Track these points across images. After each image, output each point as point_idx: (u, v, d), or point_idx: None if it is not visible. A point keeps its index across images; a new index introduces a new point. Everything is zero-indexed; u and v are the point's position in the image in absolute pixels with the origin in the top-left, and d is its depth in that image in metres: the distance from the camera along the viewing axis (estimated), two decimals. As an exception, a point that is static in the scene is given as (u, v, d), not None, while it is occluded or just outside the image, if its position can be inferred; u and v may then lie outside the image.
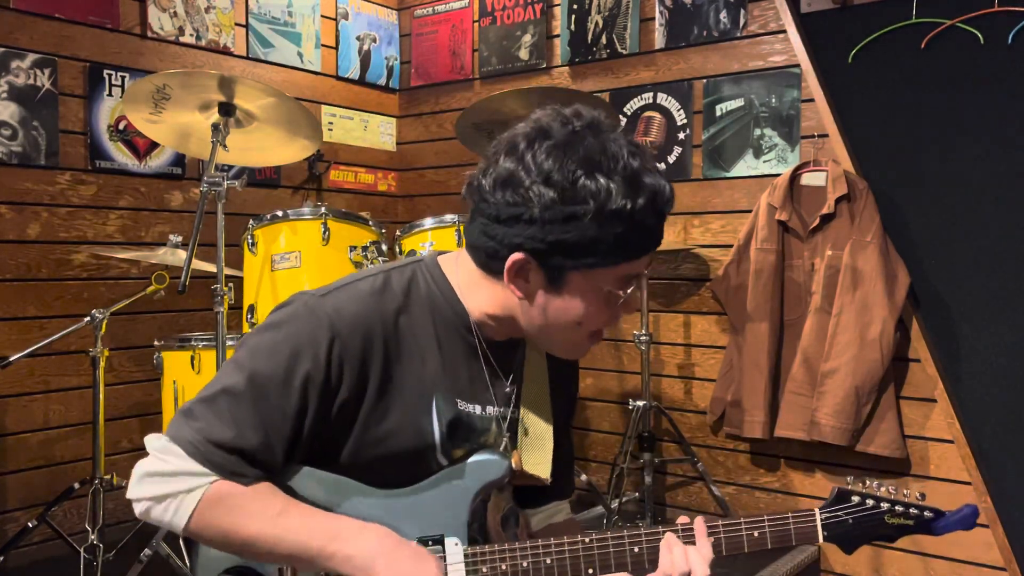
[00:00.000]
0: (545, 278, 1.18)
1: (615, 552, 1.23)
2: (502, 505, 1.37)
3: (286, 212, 2.82)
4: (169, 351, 2.84)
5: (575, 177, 1.11)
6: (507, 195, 1.15)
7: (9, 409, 3.03)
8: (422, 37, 4.30)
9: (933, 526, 1.27)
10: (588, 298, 1.19)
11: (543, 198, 1.12)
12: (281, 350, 1.17)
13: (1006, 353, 2.85)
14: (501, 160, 1.16)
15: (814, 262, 3.10)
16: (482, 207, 1.19)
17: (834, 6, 3.12)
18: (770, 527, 1.25)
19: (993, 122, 2.86)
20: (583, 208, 1.11)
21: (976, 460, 2.90)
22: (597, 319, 1.22)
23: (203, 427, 1.16)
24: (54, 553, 3.01)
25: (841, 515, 1.26)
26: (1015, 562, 2.83)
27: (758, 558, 3.06)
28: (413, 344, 1.24)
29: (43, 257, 3.11)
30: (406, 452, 1.24)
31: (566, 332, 1.23)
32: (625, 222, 1.13)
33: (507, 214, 1.15)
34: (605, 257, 1.15)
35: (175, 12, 3.46)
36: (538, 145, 1.14)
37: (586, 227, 1.12)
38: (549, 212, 1.12)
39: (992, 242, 2.87)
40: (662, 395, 3.58)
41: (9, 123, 3.00)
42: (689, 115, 3.49)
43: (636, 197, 1.12)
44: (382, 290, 1.23)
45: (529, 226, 1.14)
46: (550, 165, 1.12)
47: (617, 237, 1.13)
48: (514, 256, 1.16)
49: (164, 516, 1.16)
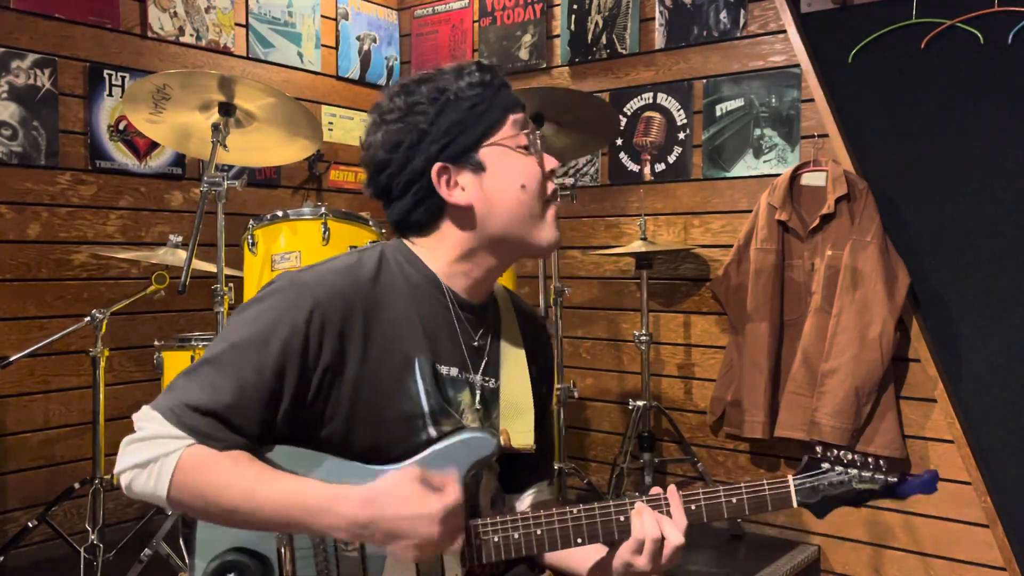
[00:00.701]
0: (467, 168, 1.31)
1: (602, 522, 1.27)
2: (491, 486, 1.40)
3: (286, 212, 2.82)
4: (169, 351, 2.84)
5: (424, 89, 1.32)
6: (394, 139, 1.31)
7: (9, 409, 3.03)
8: (422, 37, 4.30)
9: (897, 490, 1.34)
10: (508, 160, 1.32)
11: (414, 114, 1.31)
12: (262, 319, 1.22)
13: (1006, 353, 2.85)
14: (371, 139, 1.34)
15: (814, 262, 3.10)
16: (386, 176, 1.33)
17: (834, 6, 3.12)
18: (747, 494, 1.30)
19: (993, 122, 2.86)
20: (445, 96, 1.30)
21: (976, 460, 2.90)
22: (530, 171, 1.33)
23: (181, 394, 1.19)
24: (54, 553, 3.01)
25: (812, 481, 1.34)
26: (1015, 562, 2.83)
27: (758, 558, 3.07)
28: (390, 310, 1.29)
29: (43, 257, 3.11)
30: (395, 418, 1.27)
31: (521, 202, 1.32)
32: (478, 86, 1.32)
33: (404, 152, 1.31)
34: (487, 117, 1.31)
35: (175, 12, 3.46)
36: (384, 105, 1.34)
37: (456, 104, 1.30)
38: (427, 117, 1.30)
39: (992, 242, 2.87)
40: (662, 395, 3.58)
41: (9, 123, 3.00)
42: (689, 115, 3.49)
43: (470, 71, 1.33)
44: (357, 264, 1.31)
45: (423, 140, 1.30)
46: (401, 100, 1.32)
47: (481, 98, 1.31)
48: (434, 169, 1.30)
49: (147, 485, 1.17)
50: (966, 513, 2.93)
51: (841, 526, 3.18)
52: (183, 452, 1.16)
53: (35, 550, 3.00)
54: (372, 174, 1.35)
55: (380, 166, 1.33)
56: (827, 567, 3.21)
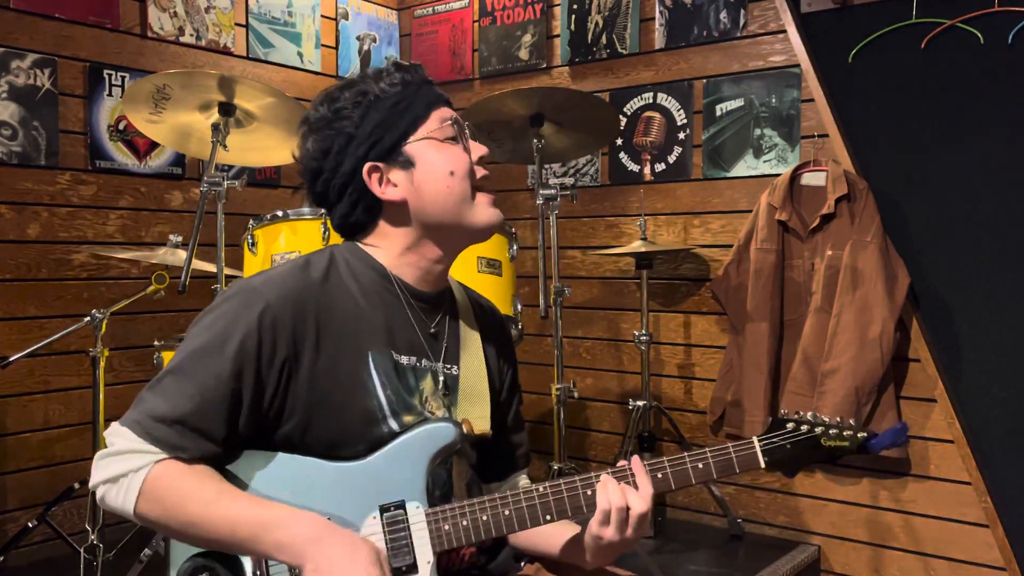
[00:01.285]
0: (396, 165, 1.35)
1: (569, 497, 1.29)
2: (464, 473, 1.42)
3: (286, 212, 2.81)
4: (169, 351, 2.83)
5: (347, 95, 1.35)
6: (323, 145, 1.35)
7: (9, 409, 3.03)
8: (422, 37, 4.30)
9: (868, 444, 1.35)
10: (435, 151, 1.36)
11: (340, 119, 1.35)
12: (216, 324, 1.26)
13: (1006, 353, 2.85)
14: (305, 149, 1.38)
15: (814, 262, 3.10)
16: (321, 183, 1.37)
17: (834, 6, 3.12)
18: (713, 458, 1.32)
19: (993, 122, 2.86)
20: (367, 98, 1.34)
21: (976, 460, 2.90)
22: (458, 159, 1.36)
23: (146, 407, 1.23)
24: (54, 553, 3.01)
25: (778, 441, 1.33)
26: (1015, 562, 2.83)
27: (758, 558, 3.07)
28: (342, 306, 1.31)
29: (43, 257, 3.11)
30: (353, 413, 1.29)
31: (453, 189, 1.35)
32: (397, 85, 1.36)
33: (335, 156, 1.35)
34: (409, 114, 1.35)
35: (175, 12, 3.46)
36: (311, 116, 1.38)
37: (380, 106, 1.35)
38: (352, 121, 1.34)
39: (992, 242, 2.87)
40: (662, 395, 3.58)
41: (9, 123, 3.00)
42: (689, 115, 3.49)
43: (388, 71, 1.37)
44: (305, 265, 1.34)
45: (351, 142, 1.34)
46: (325, 108, 1.36)
47: (403, 97, 1.35)
48: (364, 169, 1.33)
49: (116, 500, 1.20)
50: (966, 513, 2.93)
51: (841, 526, 3.18)
52: (151, 468, 1.19)
53: (35, 550, 3.00)
54: (309, 183, 1.39)
55: (314, 174, 1.37)
56: (827, 567, 3.21)
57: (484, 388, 1.44)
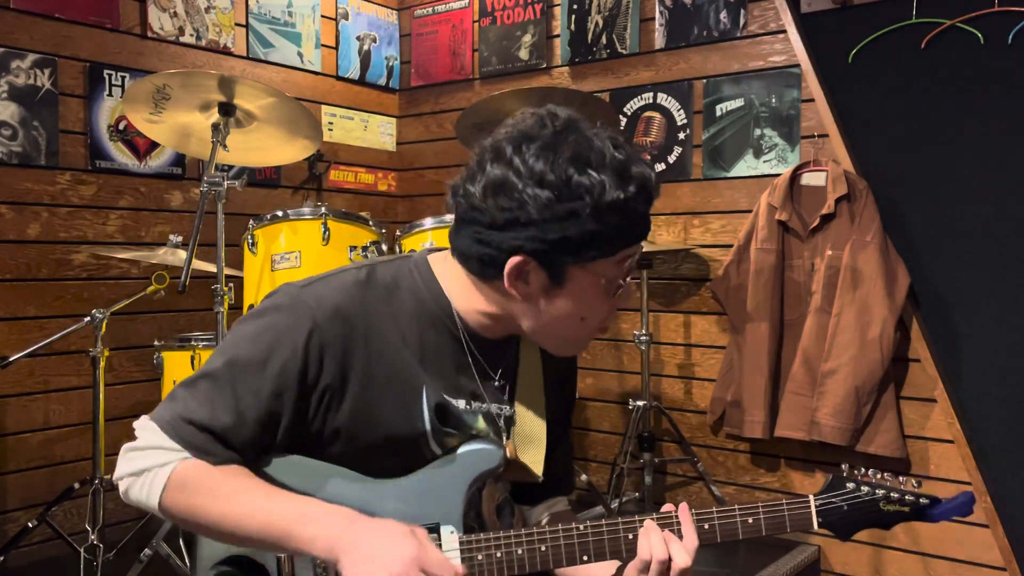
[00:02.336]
0: (547, 277, 1.18)
1: (609, 539, 1.22)
2: (497, 495, 1.37)
3: (286, 212, 2.82)
4: (169, 351, 2.84)
5: (568, 175, 1.13)
6: (500, 200, 1.15)
7: (9, 409, 3.03)
8: (422, 37, 4.30)
9: (929, 513, 1.25)
10: (589, 292, 1.20)
11: (539, 199, 1.13)
12: (262, 337, 1.20)
13: (1006, 353, 2.85)
14: (488, 167, 1.17)
15: (814, 262, 3.10)
16: (473, 215, 1.19)
17: (834, 6, 3.12)
18: (764, 514, 1.23)
19: (993, 122, 2.86)
20: (580, 204, 1.13)
21: (976, 460, 2.90)
22: (599, 311, 1.23)
23: (179, 406, 1.19)
24: (54, 553, 3.01)
25: (836, 501, 1.24)
26: (1015, 562, 2.83)
27: (758, 558, 3.07)
28: (396, 335, 1.24)
29: (43, 257, 3.11)
30: (398, 439, 1.24)
31: (569, 328, 1.24)
32: (620, 212, 1.15)
33: (503, 219, 1.16)
34: (603, 248, 1.17)
35: (175, 12, 3.46)
36: (525, 148, 1.15)
37: (584, 222, 1.14)
38: (547, 212, 1.13)
39: (992, 242, 2.87)
40: (662, 395, 3.58)
41: (9, 123, 3.00)
42: (689, 115, 3.49)
43: (627, 187, 1.15)
44: (366, 282, 1.25)
45: (527, 228, 1.15)
46: (541, 167, 1.13)
47: (614, 227, 1.16)
48: (514, 259, 1.17)
49: (141, 494, 1.18)
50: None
51: (841, 526, 3.18)
52: (177, 464, 1.17)
53: (35, 550, 3.00)
54: (462, 196, 1.20)
55: (473, 204, 1.18)
56: (827, 567, 3.21)
57: (541, 433, 1.35)
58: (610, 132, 1.19)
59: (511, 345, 1.35)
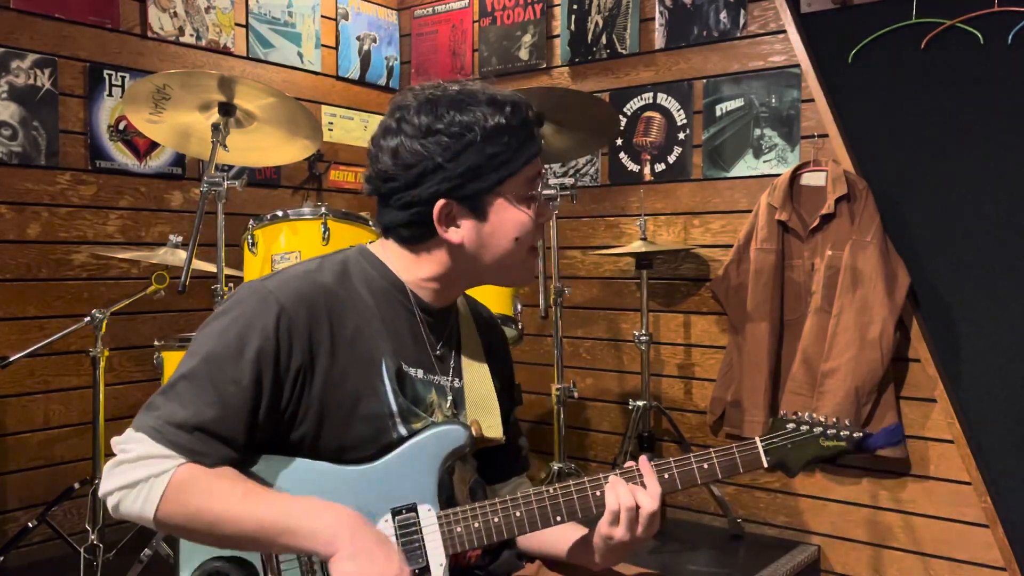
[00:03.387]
0: (470, 212, 1.31)
1: (579, 497, 1.30)
2: (467, 477, 1.43)
3: (286, 212, 2.81)
4: (169, 351, 2.83)
5: (451, 117, 1.28)
6: (405, 159, 1.29)
7: (9, 409, 3.03)
8: (422, 37, 4.30)
9: (865, 444, 1.40)
10: (510, 212, 1.33)
11: (438, 144, 1.28)
12: (231, 329, 1.24)
13: (1006, 353, 2.85)
14: (383, 142, 1.32)
15: (814, 262, 3.10)
16: (390, 187, 1.32)
17: (834, 6, 3.12)
18: (718, 458, 1.35)
19: (993, 122, 2.86)
20: (471, 135, 1.28)
21: (976, 460, 2.90)
22: (526, 228, 1.34)
23: (162, 412, 1.20)
24: (54, 553, 3.01)
25: (779, 441, 1.37)
26: (1015, 562, 2.83)
27: (758, 558, 3.07)
28: (355, 312, 1.31)
29: (43, 257, 3.11)
30: (364, 418, 1.28)
31: (510, 254, 1.34)
32: (507, 132, 1.29)
33: (414, 175, 1.29)
34: (505, 168, 1.30)
35: (175, 12, 3.46)
36: (407, 115, 1.30)
37: (480, 148, 1.28)
38: (448, 152, 1.28)
39: (992, 242, 2.87)
40: (662, 395, 3.58)
41: (9, 123, 3.00)
42: (689, 115, 3.49)
43: (503, 109, 1.30)
44: (318, 269, 1.33)
45: (436, 173, 1.28)
46: (427, 119, 1.29)
47: (506, 146, 1.30)
48: (437, 205, 1.29)
49: (134, 506, 1.17)
50: (966, 513, 2.93)
51: (841, 526, 3.18)
52: (173, 472, 1.17)
53: (35, 550, 3.00)
54: (375, 177, 1.35)
55: (384, 176, 1.32)
56: (827, 567, 3.21)
57: (492, 398, 1.44)
58: (476, 80, 1.34)
59: (452, 317, 1.45)
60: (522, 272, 1.40)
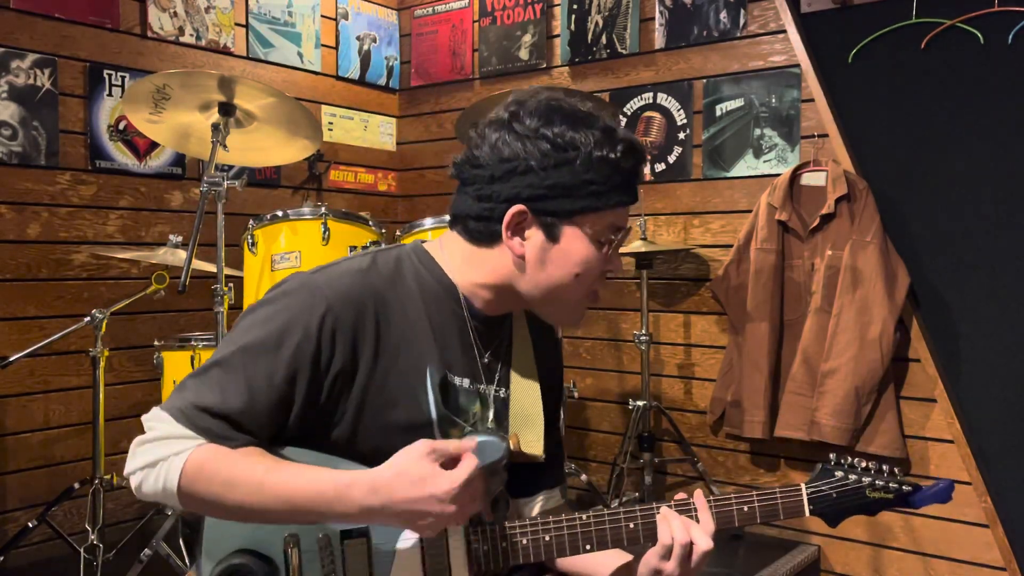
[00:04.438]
0: (542, 230, 1.26)
1: (611, 528, 1.26)
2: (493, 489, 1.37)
3: (286, 212, 2.82)
4: (169, 351, 2.84)
5: (562, 130, 1.23)
6: (503, 153, 1.25)
7: (9, 409, 3.03)
8: (422, 37, 4.30)
9: (911, 499, 1.32)
10: (581, 247, 1.26)
11: (537, 152, 1.23)
12: (273, 321, 1.21)
13: (1006, 353, 2.85)
14: (488, 133, 1.27)
15: (814, 262, 3.10)
16: (474, 174, 1.27)
17: (834, 6, 3.12)
18: (759, 502, 1.29)
19: (993, 122, 2.86)
20: (573, 154, 1.23)
21: (976, 460, 2.90)
22: (591, 268, 1.28)
23: (190, 395, 1.18)
24: (54, 553, 3.01)
25: (826, 489, 1.30)
26: (1015, 562, 2.83)
27: (758, 558, 3.07)
28: (403, 316, 1.27)
29: (43, 257, 3.11)
30: (402, 426, 1.25)
31: (566, 289, 1.29)
32: (610, 167, 1.24)
33: (503, 170, 1.24)
34: (594, 200, 1.25)
35: (175, 12, 3.46)
36: (522, 113, 1.26)
37: (577, 172, 1.23)
38: (544, 161, 1.23)
39: (992, 242, 2.87)
40: (662, 395, 3.58)
41: (9, 123, 3.00)
42: (689, 115, 3.49)
43: (616, 146, 1.24)
44: (370, 267, 1.28)
45: (525, 176, 1.23)
46: (538, 123, 1.24)
47: (603, 180, 1.24)
48: (513, 208, 1.24)
49: (157, 484, 1.17)
50: (966, 513, 2.93)
51: (841, 526, 3.16)
52: (193, 450, 1.16)
53: (35, 550, 3.00)
54: (464, 161, 1.30)
55: (474, 161, 1.27)
56: (827, 567, 3.21)
57: (537, 411, 1.39)
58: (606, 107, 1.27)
59: (506, 326, 1.39)
60: (571, 312, 1.34)
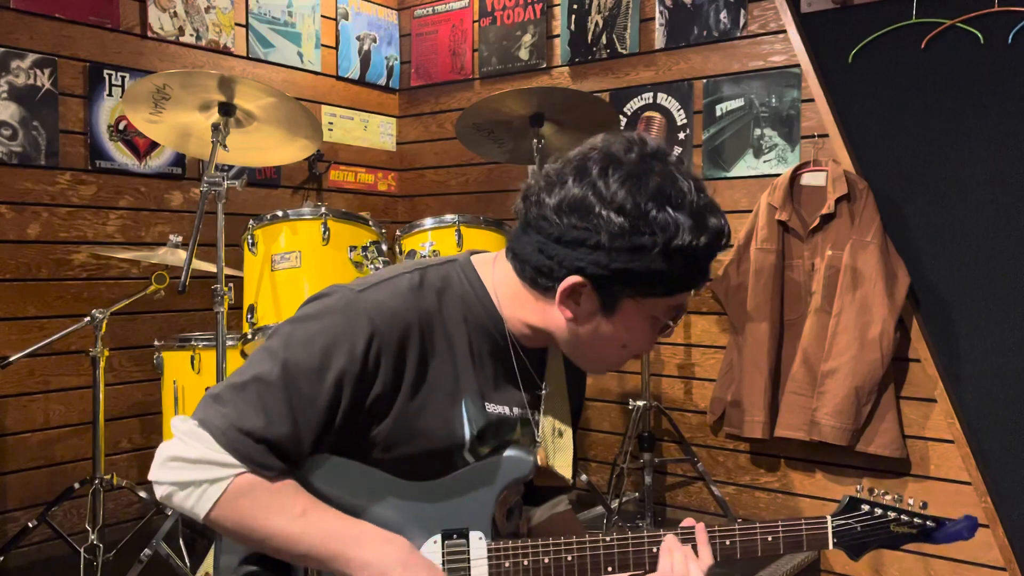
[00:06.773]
0: (599, 303, 1.20)
1: (634, 552, 1.27)
2: (510, 499, 1.38)
3: (286, 212, 2.81)
4: (169, 351, 2.84)
5: (647, 209, 1.13)
6: (574, 218, 1.15)
7: (9, 409, 3.03)
8: (422, 37, 4.30)
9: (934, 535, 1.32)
10: (636, 324, 1.22)
11: (612, 226, 1.13)
12: (317, 341, 1.17)
13: (1006, 353, 2.85)
14: (569, 182, 1.17)
15: (814, 262, 3.10)
16: (541, 224, 1.19)
17: (834, 6, 3.12)
18: (784, 533, 1.29)
19: (993, 122, 2.86)
20: (651, 240, 1.13)
21: (976, 460, 2.90)
22: (640, 343, 1.25)
23: (232, 413, 1.14)
24: (54, 553, 3.01)
25: (851, 523, 1.31)
26: (1015, 562, 2.83)
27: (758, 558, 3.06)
28: (446, 342, 1.25)
29: (43, 257, 3.11)
30: (435, 451, 1.25)
31: (608, 353, 1.27)
32: (687, 257, 1.15)
33: (571, 236, 1.16)
34: (662, 288, 1.18)
35: (175, 12, 3.46)
36: (611, 172, 1.15)
37: (651, 259, 1.14)
38: (617, 241, 1.14)
39: (992, 242, 2.87)
40: (662, 395, 3.58)
41: (9, 123, 3.00)
42: (689, 115, 3.49)
43: (701, 235, 1.15)
44: (419, 287, 1.24)
45: (593, 251, 1.15)
46: (623, 195, 1.13)
47: (678, 270, 1.16)
48: (572, 279, 1.17)
49: (185, 503, 1.15)
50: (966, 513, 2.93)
51: (841, 526, 3.18)
52: (232, 480, 1.14)
53: (35, 550, 3.00)
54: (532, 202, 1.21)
55: (540, 207, 1.19)
56: (827, 567, 3.21)
57: (568, 437, 1.39)
58: (694, 175, 1.19)
59: (545, 353, 1.37)
60: (602, 367, 1.33)
